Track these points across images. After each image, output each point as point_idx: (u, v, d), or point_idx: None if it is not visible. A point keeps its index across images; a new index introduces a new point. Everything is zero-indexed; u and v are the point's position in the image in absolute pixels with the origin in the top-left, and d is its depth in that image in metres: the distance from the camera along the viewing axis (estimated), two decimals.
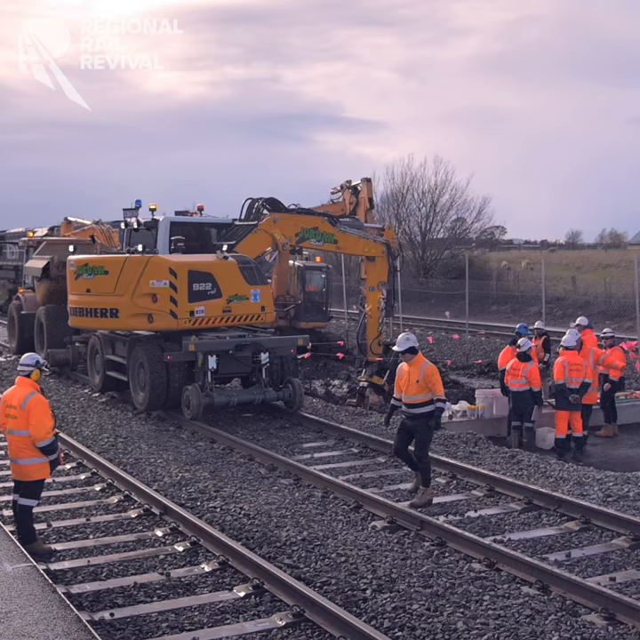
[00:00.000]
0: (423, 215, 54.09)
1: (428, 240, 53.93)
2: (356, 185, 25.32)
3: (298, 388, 17.02)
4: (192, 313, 16.34)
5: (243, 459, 13.87)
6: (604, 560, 9.41)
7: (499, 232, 69.24)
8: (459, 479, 12.58)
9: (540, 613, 7.81)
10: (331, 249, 19.91)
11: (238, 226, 18.45)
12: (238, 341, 16.56)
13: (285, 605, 8.04)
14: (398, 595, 8.19)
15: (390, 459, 13.80)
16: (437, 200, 53.99)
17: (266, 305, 17.32)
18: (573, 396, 15.70)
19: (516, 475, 12.81)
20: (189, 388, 16.02)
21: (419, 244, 53.70)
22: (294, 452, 14.40)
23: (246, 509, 10.90)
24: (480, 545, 9.52)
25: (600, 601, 7.97)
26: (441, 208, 54.25)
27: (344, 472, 13.13)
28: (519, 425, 16.24)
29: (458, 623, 7.55)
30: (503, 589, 8.43)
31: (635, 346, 22.11)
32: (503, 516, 10.97)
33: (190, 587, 8.67)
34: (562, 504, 11.07)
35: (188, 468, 13.12)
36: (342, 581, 8.55)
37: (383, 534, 10.20)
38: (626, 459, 15.98)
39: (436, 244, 54.18)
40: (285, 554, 9.41)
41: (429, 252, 53.54)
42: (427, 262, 52.78)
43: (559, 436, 15.90)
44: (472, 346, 28.65)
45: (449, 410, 17.19)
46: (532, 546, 9.86)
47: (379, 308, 19.27)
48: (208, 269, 16.61)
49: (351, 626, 7.32)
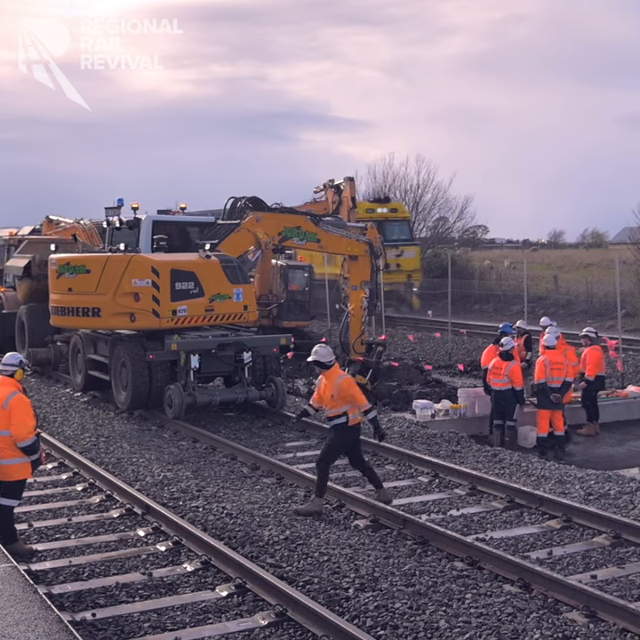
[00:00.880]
0: None
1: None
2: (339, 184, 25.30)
3: (280, 386, 17.01)
4: (174, 312, 16.30)
5: (225, 458, 13.85)
6: (586, 558, 9.45)
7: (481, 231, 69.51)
8: (441, 478, 12.60)
9: (522, 611, 7.84)
10: (313, 248, 19.92)
11: (221, 225, 18.42)
12: (221, 340, 16.54)
13: (268, 605, 8.04)
14: (381, 593, 8.20)
15: (372, 457, 13.81)
16: (420, 199, 54.10)
17: (248, 304, 17.29)
18: (555, 395, 15.76)
19: (498, 473, 12.85)
20: (172, 388, 15.98)
21: None
22: (277, 451, 14.39)
23: (229, 509, 10.89)
24: (462, 543, 9.55)
25: (581, 599, 8.01)
26: (423, 207, 54.37)
27: None
28: (501, 424, 16.29)
29: (440, 621, 7.57)
30: (485, 588, 8.46)
31: (615, 345, 22.21)
32: (485, 515, 11.00)
33: (172, 586, 8.65)
34: (543, 502, 11.12)
35: (170, 467, 13.09)
36: (325, 580, 8.56)
37: (366, 533, 10.22)
38: (607, 457, 16.06)
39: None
40: (268, 553, 9.40)
41: None
42: None
43: (541, 434, 15.96)
44: (454, 345, 28.71)
45: (432, 409, 17.24)
46: (514, 544, 9.90)
47: (361, 307, 19.28)
48: (190, 268, 16.58)
49: (334, 625, 7.32)
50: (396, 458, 13.63)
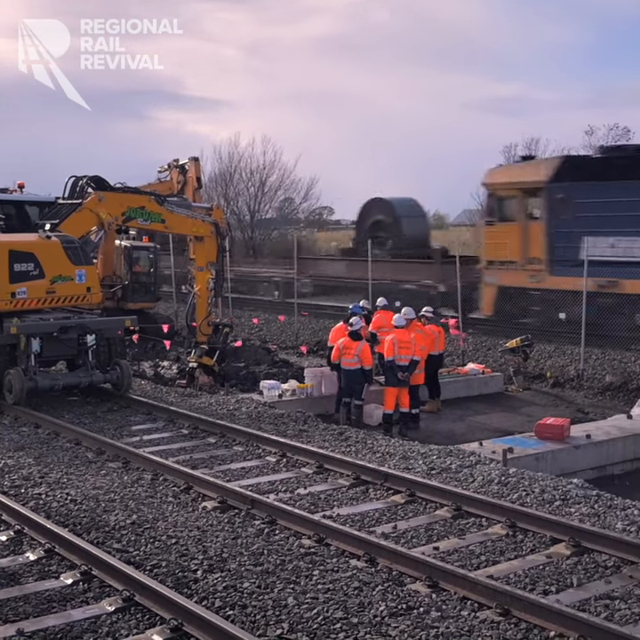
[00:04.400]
0: (252, 195, 54.24)
1: (257, 220, 54.07)
2: (184, 164, 25.09)
3: (126, 369, 16.77)
4: (13, 294, 15.84)
5: (69, 443, 13.54)
6: (428, 530, 9.73)
7: (327, 212, 70.27)
8: (288, 457, 12.70)
9: (368, 585, 8.00)
10: (158, 228, 19.63)
11: (62, 204, 17.89)
12: (63, 323, 16.14)
13: (115, 590, 7.91)
14: (229, 574, 8.21)
15: (220, 439, 13.80)
16: (266, 180, 54.25)
17: (91, 285, 16.96)
18: (402, 374, 16.12)
19: (345, 451, 13.06)
20: (11, 372, 15.49)
21: (247, 224, 53.73)
22: (123, 435, 14.17)
23: (73, 495, 10.65)
24: (309, 521, 9.65)
25: (424, 570, 8.24)
26: (270, 188, 54.56)
27: (174, 454, 13.03)
28: (349, 402, 16.55)
29: (288, 599, 7.64)
30: (332, 563, 8.59)
31: (455, 323, 22.93)
32: (332, 492, 11.17)
33: (14, 577, 8.38)
34: (388, 478, 11.37)
35: (10, 454, 12.69)
36: (173, 563, 8.50)
37: (214, 514, 10.20)
38: (448, 432, 16.60)
39: (264, 224, 54.39)
40: (114, 538, 9.25)
41: (258, 232, 53.67)
42: (256, 242, 52.89)
43: (387, 411, 16.31)
44: (301, 325, 28.97)
45: (279, 389, 17.35)
46: (360, 520, 10.08)
47: (208, 288, 19.18)
48: (30, 249, 16.10)
49: (182, 607, 7.27)
50: (244, 438, 13.65)
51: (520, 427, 16.50)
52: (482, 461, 12.39)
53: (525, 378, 21.31)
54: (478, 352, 24.01)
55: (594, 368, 21.61)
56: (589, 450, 14.38)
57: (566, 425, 14.55)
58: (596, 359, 22.09)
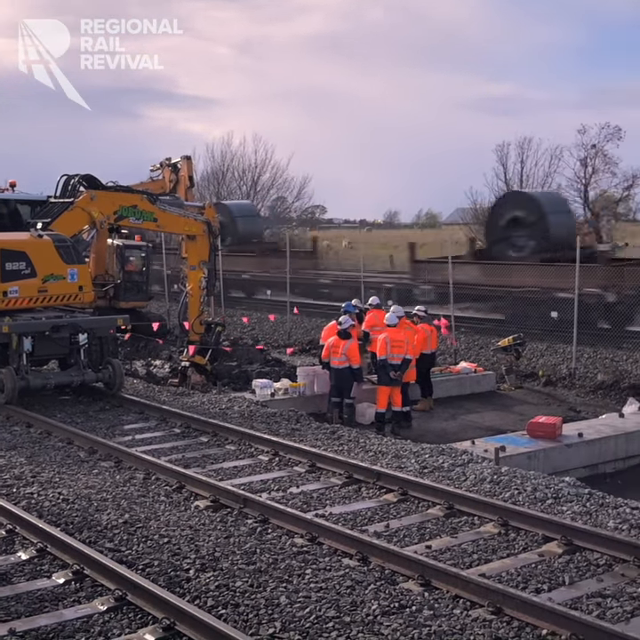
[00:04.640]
0: (244, 193, 54.19)
1: None
2: (176, 163, 25.00)
3: (118, 368, 16.74)
4: (5, 293, 15.81)
5: (61, 442, 13.51)
6: (421, 529, 9.73)
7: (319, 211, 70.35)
8: (281, 456, 12.70)
9: (360, 584, 8.01)
10: (150, 227, 19.61)
11: (53, 203, 17.86)
12: (55, 322, 16.10)
13: (107, 590, 7.90)
14: (222, 573, 8.21)
15: (213, 438, 13.79)
16: (258, 179, 54.25)
17: (84, 284, 16.92)
18: (394, 372, 16.12)
19: (337, 450, 13.06)
20: (3, 371, 15.45)
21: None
22: (115, 434, 14.15)
23: (65, 494, 10.63)
24: (302, 520, 9.66)
25: (417, 568, 8.25)
26: (262, 187, 54.56)
27: (166, 453, 13.02)
28: (339, 401, 16.55)
29: (281, 598, 7.64)
30: (325, 562, 8.59)
31: (446, 323, 22.93)
32: (324, 491, 11.17)
33: (6, 576, 8.36)
34: (381, 477, 11.38)
35: (2, 454, 12.67)
36: (165, 562, 8.49)
37: (206, 514, 10.19)
38: (440, 431, 16.60)
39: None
40: (107, 537, 9.24)
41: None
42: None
43: (380, 410, 16.31)
44: (293, 324, 28.94)
45: (271, 388, 17.34)
46: (353, 519, 10.09)
47: (200, 287, 19.17)
48: (22, 248, 16.07)
49: (174, 606, 7.27)
50: (237, 437, 13.64)
51: (512, 425, 16.54)
52: (474, 460, 12.40)
53: (517, 376, 21.31)
54: (470, 351, 24.02)
55: (586, 367, 21.64)
56: (581, 448, 14.41)
57: (558, 423, 14.58)
58: (587, 358, 22.12)
